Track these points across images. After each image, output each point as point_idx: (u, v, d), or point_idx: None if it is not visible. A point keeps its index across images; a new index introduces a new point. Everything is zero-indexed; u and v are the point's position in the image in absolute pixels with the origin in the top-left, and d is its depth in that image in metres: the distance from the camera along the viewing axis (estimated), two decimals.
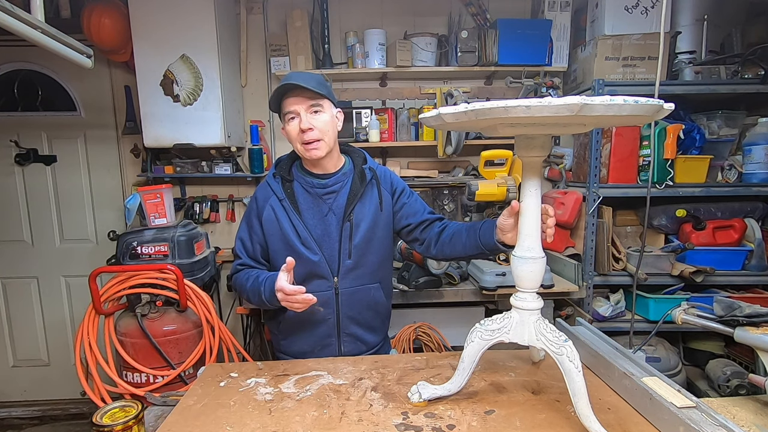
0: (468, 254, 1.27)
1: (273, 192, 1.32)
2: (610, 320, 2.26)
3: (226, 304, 2.80)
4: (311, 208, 1.31)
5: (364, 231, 1.30)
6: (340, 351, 1.36)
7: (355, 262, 1.31)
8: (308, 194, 1.32)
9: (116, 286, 1.92)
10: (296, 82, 1.20)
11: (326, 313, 1.32)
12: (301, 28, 2.50)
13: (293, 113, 1.24)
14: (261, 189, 1.36)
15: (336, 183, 1.32)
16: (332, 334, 1.34)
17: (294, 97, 1.24)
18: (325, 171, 1.32)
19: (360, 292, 1.34)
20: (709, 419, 0.79)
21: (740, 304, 1.07)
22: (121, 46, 2.36)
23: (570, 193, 2.35)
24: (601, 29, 2.28)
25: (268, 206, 1.32)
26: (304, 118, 1.23)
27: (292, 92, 1.23)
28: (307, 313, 1.28)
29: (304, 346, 1.36)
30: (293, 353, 1.37)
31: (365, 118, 2.58)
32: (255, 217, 1.34)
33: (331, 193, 1.31)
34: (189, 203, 2.72)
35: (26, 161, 2.76)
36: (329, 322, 1.33)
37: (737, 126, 2.30)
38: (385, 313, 1.44)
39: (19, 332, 2.93)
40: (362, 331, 1.37)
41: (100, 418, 0.83)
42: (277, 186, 1.32)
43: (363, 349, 1.38)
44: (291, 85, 1.21)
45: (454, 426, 0.89)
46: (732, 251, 2.25)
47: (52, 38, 1.19)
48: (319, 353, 1.34)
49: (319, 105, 1.25)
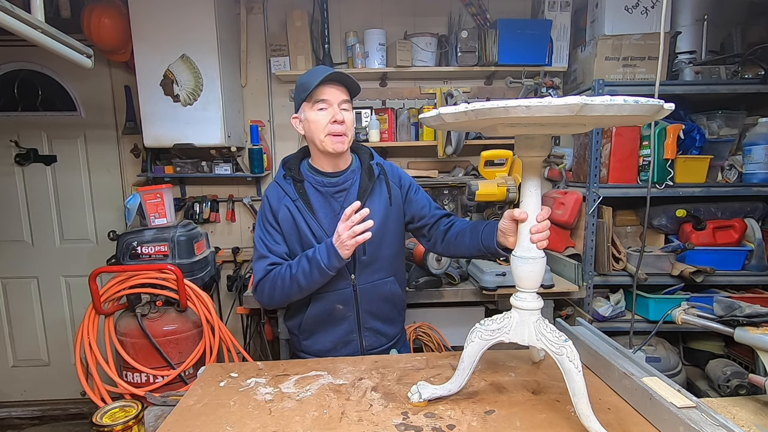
0: (471, 254, 1.28)
1: (285, 193, 1.32)
2: (610, 320, 2.26)
3: (226, 304, 2.80)
4: (324, 207, 1.32)
5: (377, 226, 1.30)
6: (362, 346, 1.37)
7: (370, 258, 1.32)
8: (319, 193, 1.32)
9: (116, 286, 1.92)
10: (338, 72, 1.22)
11: (346, 311, 1.33)
12: (301, 28, 2.50)
13: (326, 103, 1.24)
14: (272, 189, 1.35)
15: (346, 181, 1.33)
16: (354, 330, 1.35)
17: (332, 88, 1.24)
18: (337, 168, 1.33)
19: (377, 287, 1.35)
20: (709, 419, 0.79)
21: (740, 304, 1.07)
22: (121, 46, 2.36)
23: (570, 193, 2.35)
24: (601, 29, 2.28)
25: (283, 206, 1.31)
26: (338, 110, 1.24)
27: (330, 82, 1.24)
28: (328, 312, 1.31)
29: (327, 343, 1.36)
30: (315, 352, 1.37)
31: (365, 118, 2.58)
32: (272, 217, 1.32)
33: (341, 191, 1.32)
34: (189, 203, 2.72)
35: (26, 161, 2.76)
36: (350, 319, 1.34)
37: (737, 126, 2.30)
38: (401, 304, 1.46)
39: (19, 332, 2.93)
40: (381, 324, 1.38)
41: (100, 418, 0.83)
42: (289, 187, 1.32)
43: (383, 342, 1.40)
44: (335, 74, 1.22)
45: (454, 426, 0.89)
46: (732, 251, 2.25)
47: (52, 38, 1.19)
48: (342, 350, 1.36)
49: (350, 102, 1.28)
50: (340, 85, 1.25)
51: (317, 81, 1.21)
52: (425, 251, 1.94)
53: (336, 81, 1.25)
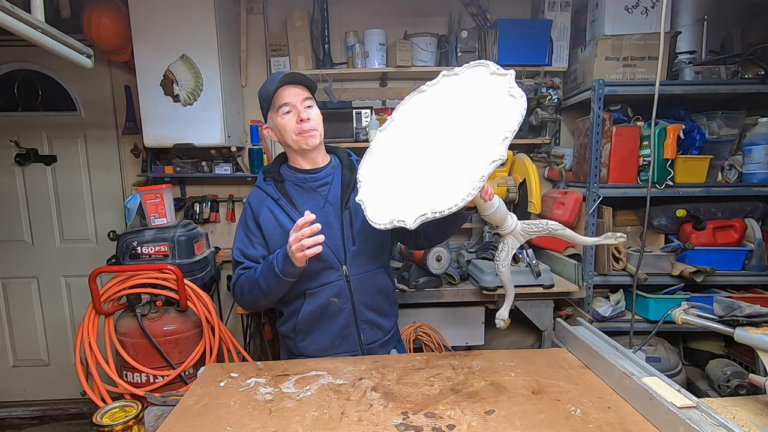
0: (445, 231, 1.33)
1: (267, 194, 1.35)
2: (610, 320, 2.26)
3: (226, 304, 2.80)
4: (308, 202, 1.33)
5: (363, 217, 1.31)
6: (360, 340, 1.37)
7: (359, 248, 1.33)
8: (302, 189, 1.35)
9: (116, 286, 1.92)
10: (291, 73, 1.28)
11: (342, 303, 1.33)
12: (301, 28, 2.50)
13: (289, 106, 1.29)
14: (253, 194, 1.39)
15: (327, 175, 1.37)
16: (350, 324, 1.36)
17: (290, 90, 1.29)
18: (315, 165, 1.37)
19: (369, 278, 1.36)
20: (709, 419, 0.79)
21: (740, 304, 1.07)
22: (121, 46, 2.36)
23: (570, 193, 2.35)
24: (601, 29, 2.28)
25: (265, 208, 1.34)
26: (302, 109, 1.29)
27: (287, 86, 1.29)
28: (323, 308, 1.32)
29: (324, 341, 1.36)
30: (312, 352, 1.36)
31: (365, 118, 2.58)
32: (252, 222, 1.35)
33: (324, 185, 1.36)
34: (189, 203, 2.72)
35: (26, 161, 2.76)
36: (346, 312, 1.35)
37: (737, 126, 2.30)
38: (393, 297, 1.48)
39: (19, 332, 2.93)
40: (377, 316, 1.39)
41: (100, 418, 0.83)
42: (270, 187, 1.36)
43: (380, 336, 1.41)
44: (289, 76, 1.27)
45: (454, 426, 0.89)
46: (732, 251, 2.25)
47: (52, 38, 1.19)
48: (340, 346, 1.36)
49: (311, 99, 1.33)
50: (297, 86, 1.30)
51: (274, 86, 1.27)
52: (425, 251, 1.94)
53: (293, 82, 1.30)
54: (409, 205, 1.05)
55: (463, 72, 1.18)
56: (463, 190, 0.96)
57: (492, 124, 1.02)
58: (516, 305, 2.04)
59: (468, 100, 1.12)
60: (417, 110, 1.25)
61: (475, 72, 1.15)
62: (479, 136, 1.04)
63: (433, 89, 1.24)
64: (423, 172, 1.11)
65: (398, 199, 1.11)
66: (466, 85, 1.15)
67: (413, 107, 1.27)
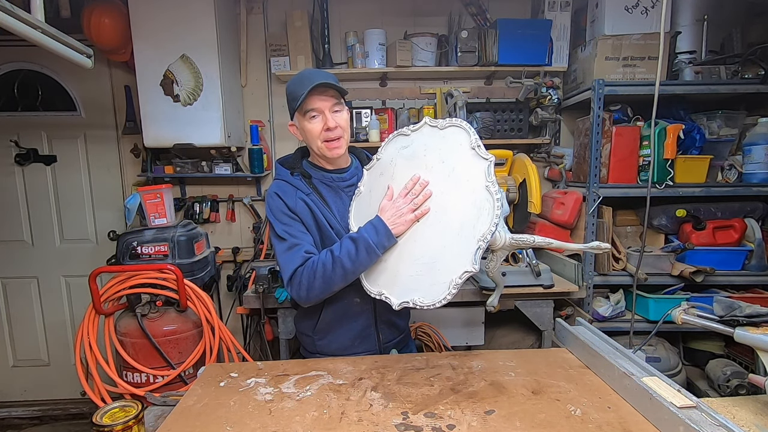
0: None
1: (296, 188, 1.29)
2: (610, 320, 2.26)
3: (226, 304, 2.80)
4: (336, 201, 1.33)
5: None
6: (379, 340, 1.37)
7: None
8: (329, 188, 1.34)
9: (116, 286, 1.92)
10: (324, 80, 1.20)
11: (364, 303, 1.33)
12: (301, 28, 2.50)
13: (317, 111, 1.24)
14: (281, 187, 1.30)
15: (353, 176, 1.36)
16: (371, 324, 1.36)
17: (319, 96, 1.23)
18: (339, 167, 1.36)
19: None
20: (709, 419, 0.79)
21: (740, 304, 1.07)
22: (121, 46, 2.36)
23: (570, 193, 2.35)
24: (601, 29, 2.28)
25: (299, 200, 1.27)
26: (330, 117, 1.24)
27: (316, 90, 1.22)
28: (345, 308, 1.31)
29: (345, 341, 1.35)
30: (331, 352, 1.36)
31: (365, 118, 2.58)
32: (289, 212, 1.27)
33: (350, 185, 1.35)
34: (189, 203, 2.72)
35: (26, 161, 2.76)
36: (367, 312, 1.34)
37: (737, 126, 2.30)
38: None
39: (19, 332, 2.93)
40: (395, 317, 1.39)
41: (100, 418, 0.83)
42: (299, 182, 1.30)
43: (396, 335, 1.42)
44: (321, 85, 1.20)
45: (454, 426, 0.89)
46: (732, 251, 2.25)
47: (52, 38, 1.19)
48: (359, 346, 1.35)
49: (341, 104, 1.28)
50: (327, 90, 1.23)
51: (304, 93, 1.20)
52: None
53: (320, 88, 1.22)
54: (394, 279, 1.15)
55: (445, 128, 1.17)
56: (440, 290, 1.05)
57: (467, 213, 1.06)
58: (516, 305, 2.04)
59: (447, 169, 1.14)
60: (399, 157, 1.26)
61: (456, 138, 1.13)
62: (455, 222, 1.08)
63: (416, 135, 1.24)
64: (405, 238, 1.17)
65: (385, 264, 1.19)
66: (447, 149, 1.15)
67: (396, 151, 1.27)
